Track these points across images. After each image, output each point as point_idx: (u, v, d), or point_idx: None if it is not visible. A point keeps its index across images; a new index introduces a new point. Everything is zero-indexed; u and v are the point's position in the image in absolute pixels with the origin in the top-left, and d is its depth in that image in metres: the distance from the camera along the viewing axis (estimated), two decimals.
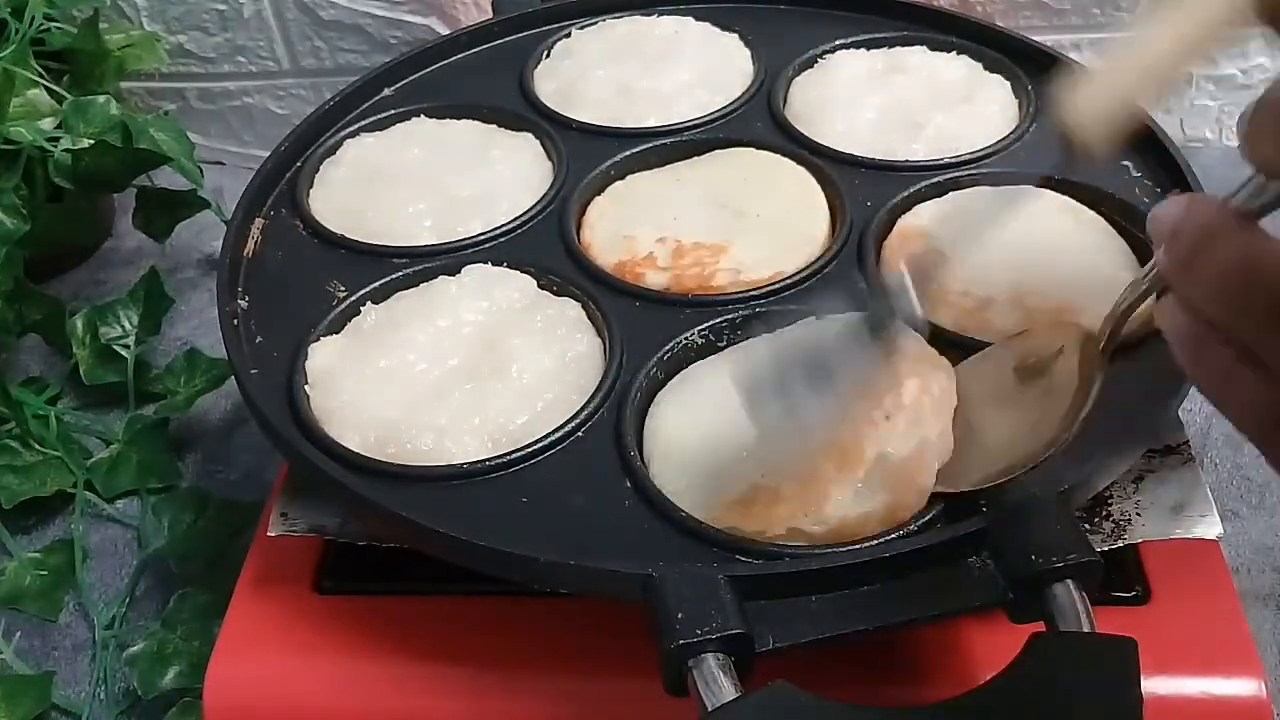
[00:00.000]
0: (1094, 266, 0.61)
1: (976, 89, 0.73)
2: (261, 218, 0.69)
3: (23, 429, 0.83)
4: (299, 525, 0.60)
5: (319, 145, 0.73)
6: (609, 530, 0.52)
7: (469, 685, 0.55)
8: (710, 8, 0.82)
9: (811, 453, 0.52)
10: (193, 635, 0.72)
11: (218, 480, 0.85)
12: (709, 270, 0.62)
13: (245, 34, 1.04)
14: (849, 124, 0.71)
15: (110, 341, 0.89)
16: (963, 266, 0.61)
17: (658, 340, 0.59)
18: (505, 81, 0.77)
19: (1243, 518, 0.75)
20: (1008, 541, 0.47)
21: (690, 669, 0.44)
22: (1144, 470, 0.58)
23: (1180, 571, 0.56)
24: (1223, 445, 0.80)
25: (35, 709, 0.71)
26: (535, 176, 0.70)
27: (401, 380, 0.58)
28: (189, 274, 1.02)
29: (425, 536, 0.51)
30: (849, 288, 0.61)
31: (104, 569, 0.80)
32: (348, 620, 0.57)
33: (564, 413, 0.56)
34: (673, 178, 0.69)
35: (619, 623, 0.49)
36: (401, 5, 1.00)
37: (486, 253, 0.65)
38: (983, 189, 0.66)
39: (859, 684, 0.51)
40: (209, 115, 1.10)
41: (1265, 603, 0.71)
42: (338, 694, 0.56)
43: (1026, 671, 0.43)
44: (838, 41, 0.77)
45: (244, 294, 0.64)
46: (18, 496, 0.81)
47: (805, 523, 0.51)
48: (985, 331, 0.58)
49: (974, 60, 0.75)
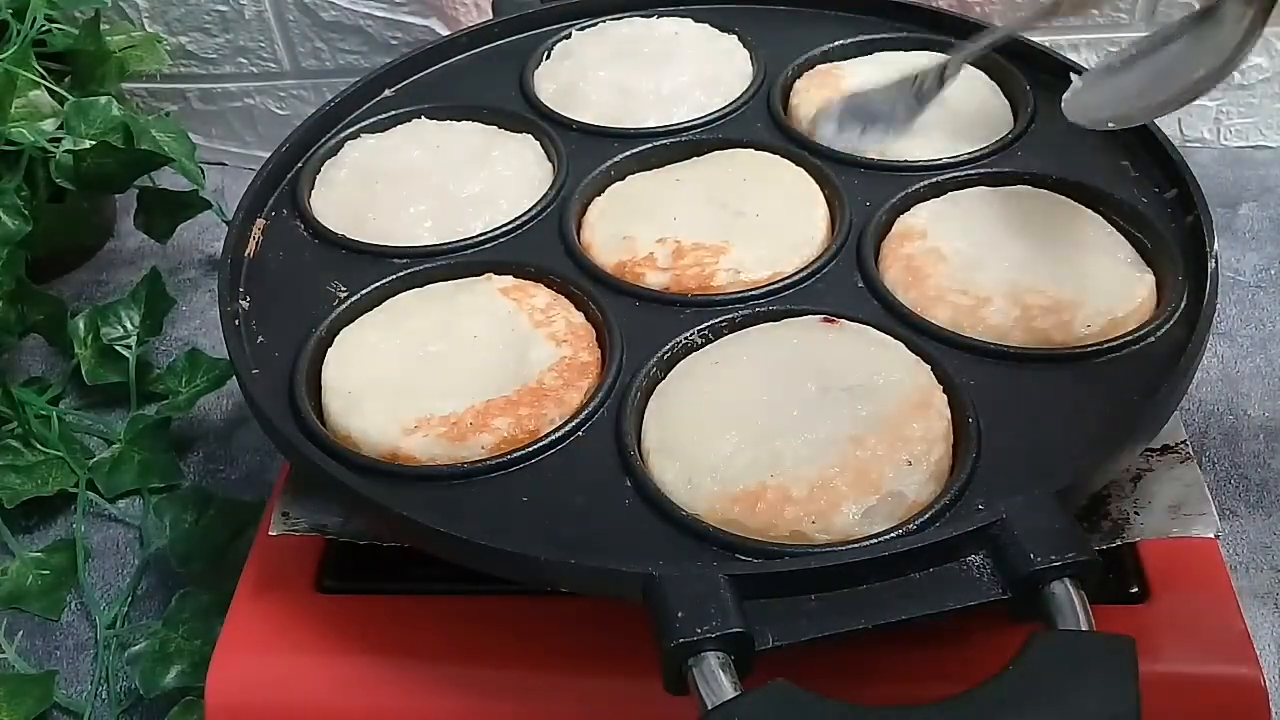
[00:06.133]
0: (1093, 265, 0.61)
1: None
2: (263, 218, 0.69)
3: (25, 429, 0.83)
4: (300, 525, 0.60)
5: (320, 146, 0.73)
6: (609, 530, 0.52)
7: (469, 685, 0.55)
8: (710, 9, 0.82)
9: (828, 459, 0.52)
10: (194, 634, 0.72)
11: (219, 480, 0.85)
12: (709, 270, 0.62)
13: (246, 35, 1.04)
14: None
15: (112, 342, 0.90)
16: (962, 266, 0.61)
17: (658, 340, 0.59)
18: (505, 82, 0.77)
19: (1241, 516, 0.76)
20: (1007, 540, 0.47)
21: (690, 667, 0.44)
22: (1142, 469, 0.59)
23: (1178, 570, 0.56)
24: (1221, 444, 0.80)
25: (37, 708, 0.71)
26: (535, 177, 0.70)
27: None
28: (190, 274, 1.02)
29: (425, 536, 0.51)
30: (848, 287, 0.62)
31: (106, 568, 0.80)
32: (349, 619, 0.58)
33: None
34: (672, 178, 0.69)
35: (619, 622, 0.49)
36: (402, 6, 1.01)
37: (487, 253, 0.65)
38: (982, 189, 0.66)
39: (859, 683, 0.51)
40: (210, 116, 1.10)
41: (1263, 601, 0.71)
42: (339, 693, 0.56)
43: (1025, 670, 0.43)
44: (837, 42, 0.78)
45: (245, 294, 0.64)
46: (20, 496, 0.81)
47: (811, 529, 0.51)
48: (983, 330, 0.59)
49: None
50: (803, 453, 0.53)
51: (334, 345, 0.61)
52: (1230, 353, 0.86)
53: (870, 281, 0.62)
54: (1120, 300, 0.59)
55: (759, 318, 0.60)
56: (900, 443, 0.53)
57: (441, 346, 0.60)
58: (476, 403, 0.57)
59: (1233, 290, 0.90)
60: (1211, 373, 0.84)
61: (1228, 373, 0.84)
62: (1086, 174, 0.66)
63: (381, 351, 0.60)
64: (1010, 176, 0.67)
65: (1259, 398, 0.82)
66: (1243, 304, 0.89)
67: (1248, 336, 0.87)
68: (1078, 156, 0.68)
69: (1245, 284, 0.91)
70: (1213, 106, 1.01)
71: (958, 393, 0.55)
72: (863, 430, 0.53)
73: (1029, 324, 0.58)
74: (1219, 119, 1.02)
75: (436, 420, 0.56)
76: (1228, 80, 0.98)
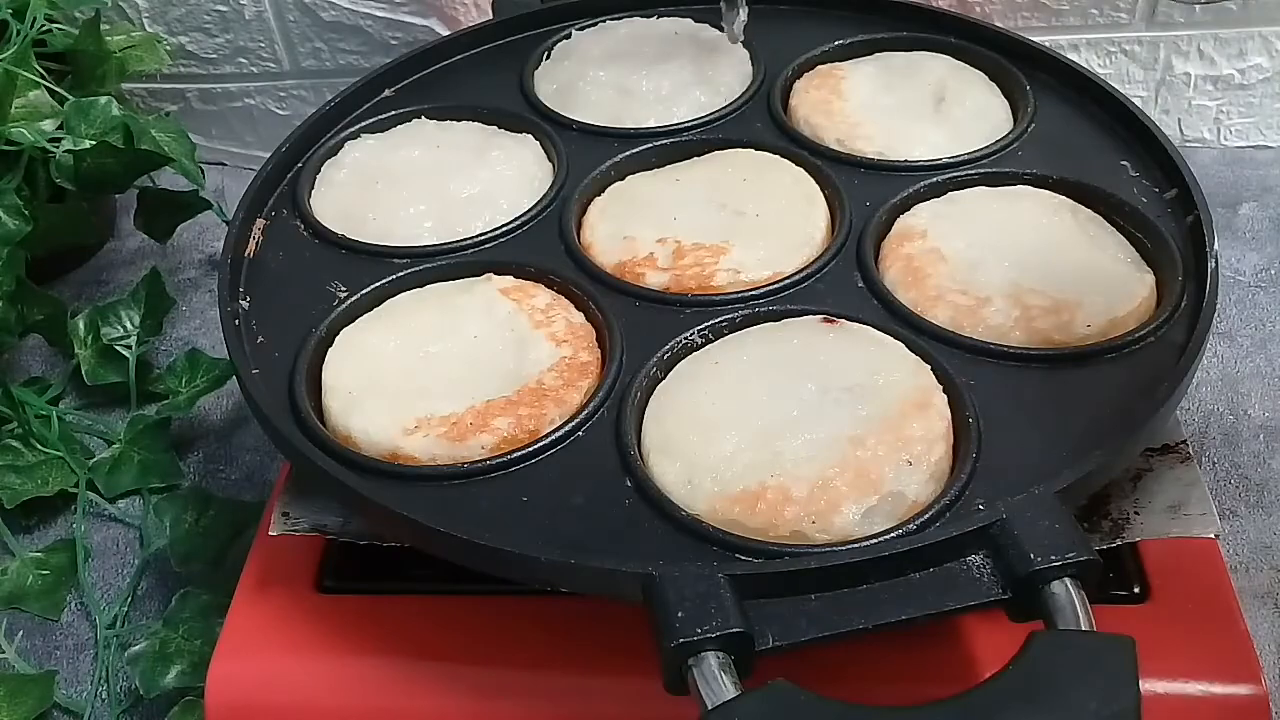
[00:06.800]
0: (1093, 265, 0.61)
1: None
2: (263, 218, 0.69)
3: (25, 429, 0.83)
4: (300, 525, 0.60)
5: (320, 146, 0.73)
6: (609, 530, 0.52)
7: (469, 684, 0.55)
8: (710, 9, 0.82)
9: (828, 459, 0.52)
10: (194, 634, 0.72)
11: (219, 480, 0.85)
12: (709, 270, 0.63)
13: (246, 35, 1.04)
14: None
15: (112, 342, 0.90)
16: (962, 266, 0.61)
17: (658, 340, 0.59)
18: (505, 82, 0.77)
19: (1241, 516, 0.76)
20: (1007, 540, 0.47)
21: (690, 667, 0.44)
22: (1142, 469, 0.59)
23: (1178, 570, 0.56)
24: (1221, 444, 0.80)
25: (37, 708, 0.71)
26: (535, 177, 0.70)
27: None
28: (190, 274, 1.02)
29: (426, 536, 0.51)
30: (848, 287, 0.62)
31: (106, 568, 0.80)
32: (349, 619, 0.58)
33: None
34: (672, 178, 0.69)
35: (619, 622, 0.49)
36: (402, 6, 1.01)
37: (487, 253, 0.65)
38: (982, 189, 0.66)
39: (859, 683, 0.51)
40: (210, 116, 1.10)
41: (1263, 601, 0.71)
42: (339, 693, 0.56)
43: (1025, 670, 0.43)
44: (837, 42, 0.78)
45: (245, 294, 0.64)
46: (20, 496, 0.81)
47: (811, 529, 0.51)
48: (984, 330, 0.59)
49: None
50: (803, 453, 0.53)
51: (334, 345, 0.61)
52: (1230, 353, 0.86)
53: (870, 282, 0.62)
54: (1120, 300, 0.59)
55: (759, 318, 0.60)
56: (900, 443, 0.53)
57: (441, 346, 0.60)
58: (476, 403, 0.57)
59: (1233, 290, 0.90)
60: (1211, 373, 0.84)
61: (1228, 373, 0.84)
62: (1086, 174, 0.66)
63: (382, 351, 0.60)
64: (1010, 176, 0.67)
65: (1259, 398, 0.82)
66: (1243, 304, 0.89)
67: (1248, 336, 0.87)
68: (1078, 156, 0.68)
69: (1245, 284, 0.91)
70: (1213, 106, 1.01)
71: (958, 393, 0.55)
72: (863, 430, 0.54)
73: (1029, 324, 0.58)
74: (1219, 119, 1.02)
75: (436, 420, 0.56)
76: (1228, 80, 0.98)
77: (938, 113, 0.72)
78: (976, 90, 0.74)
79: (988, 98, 0.74)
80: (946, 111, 0.72)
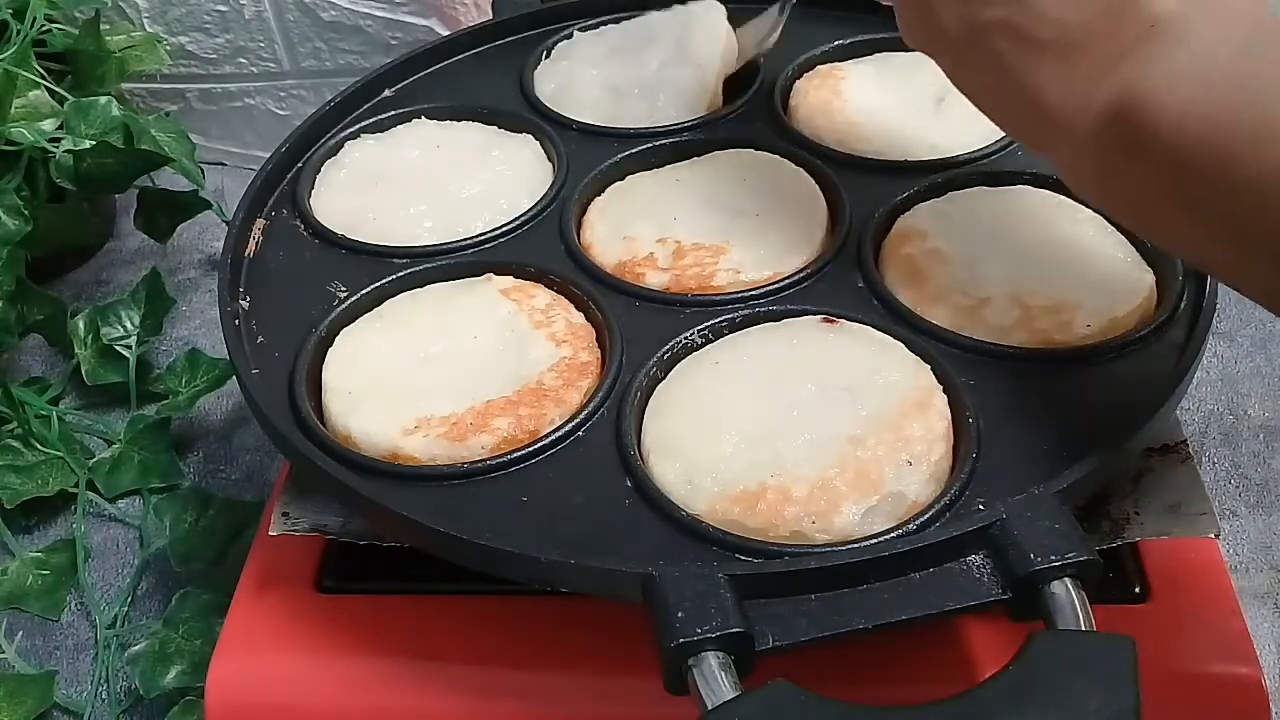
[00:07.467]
0: (1093, 265, 0.61)
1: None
2: (263, 218, 0.69)
3: (25, 429, 0.83)
4: (300, 525, 0.60)
5: (320, 146, 0.73)
6: (609, 530, 0.52)
7: (469, 685, 0.55)
8: None
9: (828, 459, 0.52)
10: (194, 634, 0.72)
11: (219, 480, 0.85)
12: (709, 270, 0.62)
13: (246, 35, 1.04)
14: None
15: (112, 342, 0.90)
16: (962, 266, 0.61)
17: (658, 340, 0.59)
18: (505, 82, 0.77)
19: (1241, 516, 0.76)
20: (1007, 540, 0.47)
21: (690, 668, 0.44)
22: (1142, 469, 0.58)
23: (1179, 570, 0.56)
24: (1220, 444, 0.80)
25: (37, 708, 0.71)
26: (535, 177, 0.70)
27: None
28: (190, 274, 1.02)
29: (425, 536, 0.51)
30: (848, 287, 0.62)
31: (106, 568, 0.80)
32: (349, 619, 0.58)
33: None
34: (672, 178, 0.69)
35: (619, 622, 0.49)
36: (402, 6, 1.01)
37: (487, 253, 0.65)
38: (982, 189, 0.66)
39: (859, 683, 0.51)
40: (210, 116, 1.10)
41: (1263, 601, 0.71)
42: (339, 693, 0.56)
43: (1025, 670, 0.43)
44: (836, 42, 0.78)
45: (245, 294, 0.64)
46: (20, 496, 0.81)
47: (811, 529, 0.51)
48: (984, 330, 0.59)
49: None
50: (803, 453, 0.53)
51: (334, 345, 0.61)
52: (1230, 353, 0.86)
53: (870, 281, 0.62)
54: (1120, 300, 0.59)
55: (759, 318, 0.60)
56: (900, 443, 0.53)
57: (441, 346, 0.60)
58: (476, 403, 0.57)
59: (1232, 290, 0.90)
60: (1211, 373, 0.84)
61: (1228, 373, 0.84)
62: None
63: (382, 351, 0.60)
64: (1010, 176, 0.67)
65: (1259, 398, 0.82)
66: (1243, 304, 0.89)
67: (1248, 336, 0.87)
68: None
69: None
70: None
71: (958, 393, 0.55)
72: (863, 430, 0.54)
73: (1029, 324, 0.58)
74: None
75: (436, 420, 0.56)
76: None
77: (938, 113, 0.72)
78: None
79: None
80: (946, 111, 0.72)
